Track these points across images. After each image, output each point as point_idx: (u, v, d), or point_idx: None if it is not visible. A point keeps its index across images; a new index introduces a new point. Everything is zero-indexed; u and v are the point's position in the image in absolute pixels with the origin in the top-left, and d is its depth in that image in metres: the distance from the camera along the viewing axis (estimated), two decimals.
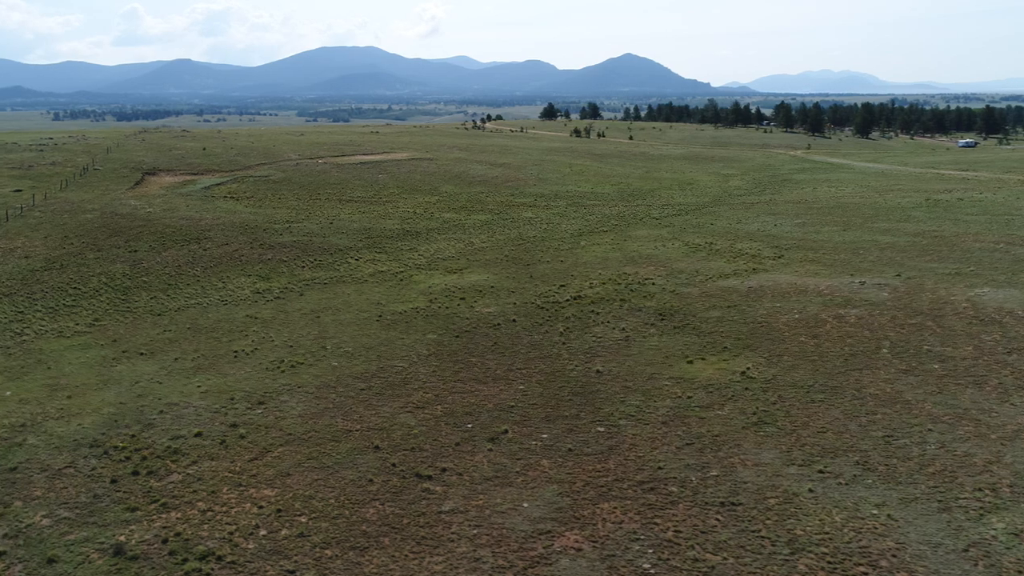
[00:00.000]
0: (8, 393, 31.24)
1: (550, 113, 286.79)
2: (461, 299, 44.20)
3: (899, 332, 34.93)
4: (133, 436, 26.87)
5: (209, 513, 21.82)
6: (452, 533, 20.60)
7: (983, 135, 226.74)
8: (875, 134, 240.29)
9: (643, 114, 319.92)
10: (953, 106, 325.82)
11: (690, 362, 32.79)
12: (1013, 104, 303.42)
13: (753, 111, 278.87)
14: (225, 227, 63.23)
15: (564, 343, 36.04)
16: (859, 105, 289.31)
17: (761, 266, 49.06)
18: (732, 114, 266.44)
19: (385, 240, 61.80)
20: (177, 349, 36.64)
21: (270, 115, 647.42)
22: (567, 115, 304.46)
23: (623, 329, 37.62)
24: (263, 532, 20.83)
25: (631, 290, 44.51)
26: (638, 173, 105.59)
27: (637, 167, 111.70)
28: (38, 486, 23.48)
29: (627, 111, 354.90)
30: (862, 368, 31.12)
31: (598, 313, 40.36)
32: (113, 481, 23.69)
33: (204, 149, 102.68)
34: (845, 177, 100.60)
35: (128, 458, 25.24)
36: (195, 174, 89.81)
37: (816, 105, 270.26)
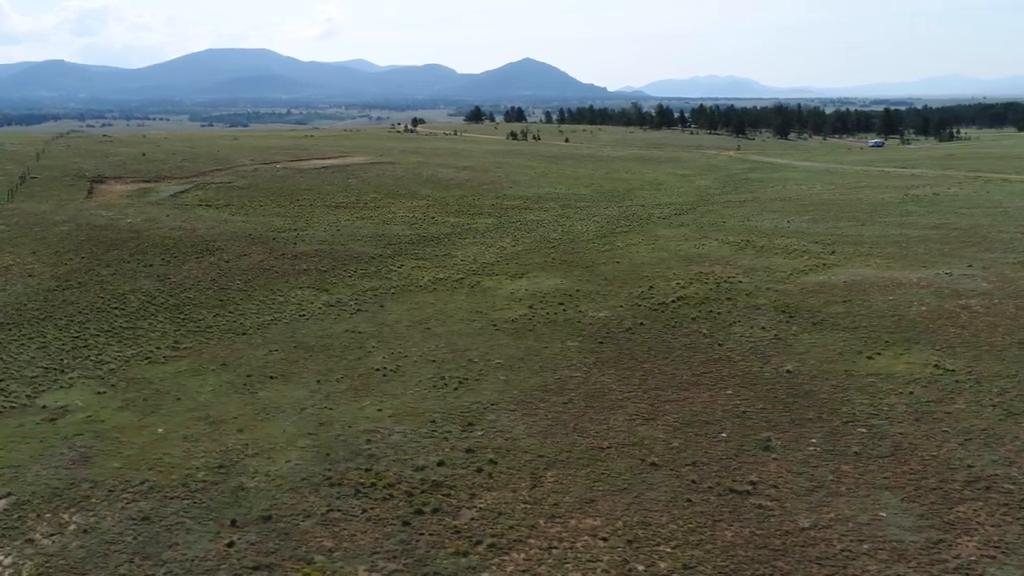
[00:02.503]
0: (161, 430, 27.02)
1: (477, 116, 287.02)
2: (560, 304, 42.29)
3: None
4: (368, 470, 23.72)
5: (555, 551, 19.36)
6: (842, 551, 19.14)
7: (884, 136, 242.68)
8: (792, 135, 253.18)
9: (565, 117, 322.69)
10: (829, 109, 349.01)
11: (870, 358, 32.47)
12: (893, 107, 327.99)
13: (676, 115, 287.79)
14: (228, 237, 58.24)
15: (719, 344, 34.98)
16: (760, 108, 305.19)
17: (829, 261, 49.71)
18: (657, 117, 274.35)
19: (409, 246, 58.72)
20: (307, 370, 33.00)
21: (160, 120, 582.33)
22: (492, 118, 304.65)
23: (763, 328, 36.96)
24: (641, 567, 18.61)
25: (725, 289, 43.94)
26: (600, 175, 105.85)
27: (595, 169, 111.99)
28: (320, 535, 20.19)
29: (548, 115, 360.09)
30: None
31: (719, 313, 39.52)
32: (405, 523, 20.70)
33: (144, 155, 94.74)
34: (800, 176, 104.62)
35: (390, 496, 22.19)
36: (148, 182, 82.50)
37: (731, 107, 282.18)
